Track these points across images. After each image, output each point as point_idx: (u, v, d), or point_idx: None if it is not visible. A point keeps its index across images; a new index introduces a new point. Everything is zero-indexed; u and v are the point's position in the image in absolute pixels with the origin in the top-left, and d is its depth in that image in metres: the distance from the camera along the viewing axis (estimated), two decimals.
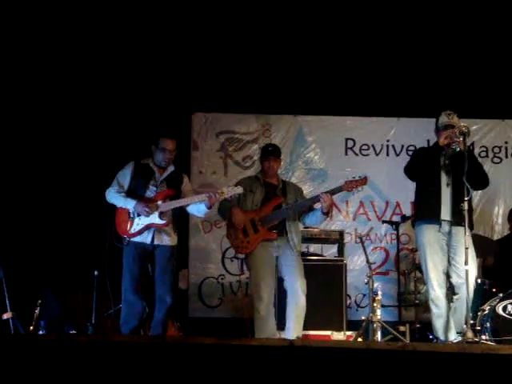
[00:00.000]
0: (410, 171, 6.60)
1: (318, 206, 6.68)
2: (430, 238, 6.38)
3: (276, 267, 6.67)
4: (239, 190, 6.49)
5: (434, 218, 6.34)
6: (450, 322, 6.32)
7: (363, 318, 7.37)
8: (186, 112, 9.17)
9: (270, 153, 6.84)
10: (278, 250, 6.65)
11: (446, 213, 6.31)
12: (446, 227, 6.34)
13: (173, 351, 4.88)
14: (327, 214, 6.67)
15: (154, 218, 6.39)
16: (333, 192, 6.55)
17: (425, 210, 6.46)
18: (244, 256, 6.76)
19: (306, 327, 6.99)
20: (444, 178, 6.37)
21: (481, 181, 6.50)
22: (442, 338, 6.28)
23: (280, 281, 6.75)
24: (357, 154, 9.34)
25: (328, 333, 7.32)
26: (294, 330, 6.49)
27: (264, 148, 7.04)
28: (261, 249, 6.61)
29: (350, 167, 9.18)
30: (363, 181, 6.51)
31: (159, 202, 6.44)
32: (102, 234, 6.61)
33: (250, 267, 6.67)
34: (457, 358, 4.71)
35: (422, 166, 6.45)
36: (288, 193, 6.82)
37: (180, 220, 6.75)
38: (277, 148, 6.97)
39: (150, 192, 6.52)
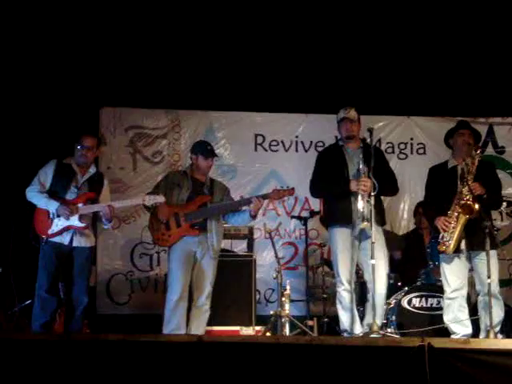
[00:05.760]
0: (316, 190, 6.78)
1: (243, 207, 6.86)
2: (343, 238, 6.43)
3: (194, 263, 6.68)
4: (161, 199, 6.51)
5: (346, 221, 6.41)
6: (355, 316, 6.41)
7: (272, 312, 7.40)
8: (93, 106, 9.02)
9: (211, 152, 6.86)
10: (198, 246, 6.65)
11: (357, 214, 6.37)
12: (357, 230, 6.38)
13: (79, 348, 4.84)
14: (255, 216, 6.82)
15: (74, 221, 6.41)
16: (263, 197, 6.74)
17: (337, 214, 6.50)
18: (167, 249, 6.81)
19: (214, 323, 7.01)
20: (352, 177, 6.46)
21: (391, 189, 6.70)
22: (348, 331, 6.36)
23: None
24: (266, 150, 9.36)
25: (237, 328, 7.33)
26: (195, 332, 6.49)
27: (200, 145, 7.01)
28: (182, 243, 6.63)
29: (260, 163, 9.27)
30: (290, 191, 6.85)
31: (80, 205, 6.45)
32: (5, 231, 6.51)
33: (170, 260, 6.70)
34: (362, 350, 4.81)
35: (329, 180, 6.55)
36: (215, 192, 6.86)
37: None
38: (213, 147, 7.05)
39: (72, 193, 6.53)
